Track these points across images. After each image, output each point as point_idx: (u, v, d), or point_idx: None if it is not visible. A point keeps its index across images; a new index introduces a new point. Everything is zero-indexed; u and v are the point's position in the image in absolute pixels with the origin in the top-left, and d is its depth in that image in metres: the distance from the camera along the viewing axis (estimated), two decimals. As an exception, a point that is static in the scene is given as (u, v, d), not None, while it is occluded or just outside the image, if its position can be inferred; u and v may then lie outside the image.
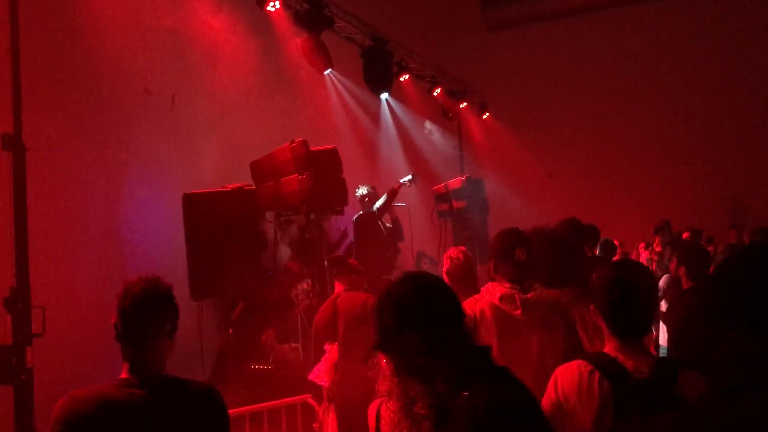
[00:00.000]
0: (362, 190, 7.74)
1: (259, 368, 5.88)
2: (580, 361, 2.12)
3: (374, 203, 7.69)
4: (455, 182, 9.70)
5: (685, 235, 7.95)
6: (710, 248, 7.12)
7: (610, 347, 2.14)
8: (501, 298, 2.95)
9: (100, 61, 6.16)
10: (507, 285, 3.00)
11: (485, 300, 3.00)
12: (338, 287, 5.08)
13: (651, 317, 2.20)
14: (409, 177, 7.91)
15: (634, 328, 2.12)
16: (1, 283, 4.55)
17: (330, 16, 8.26)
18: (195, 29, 7.22)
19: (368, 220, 7.83)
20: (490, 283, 3.07)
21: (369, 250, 7.66)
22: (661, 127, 11.95)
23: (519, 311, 2.92)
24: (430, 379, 1.67)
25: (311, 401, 4.87)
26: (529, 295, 2.98)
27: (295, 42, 8.16)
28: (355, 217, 8.03)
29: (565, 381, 2.09)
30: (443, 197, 9.62)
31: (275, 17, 7.95)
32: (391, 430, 1.81)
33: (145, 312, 2.08)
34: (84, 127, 5.85)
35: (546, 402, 2.14)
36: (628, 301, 2.11)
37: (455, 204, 9.50)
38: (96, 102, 6.03)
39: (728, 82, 11.40)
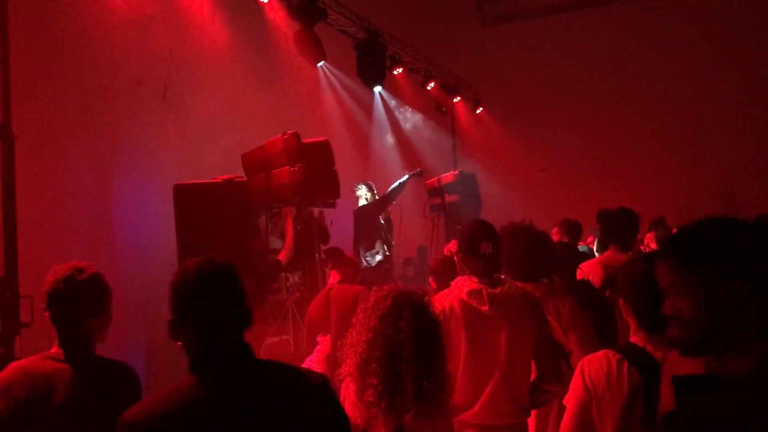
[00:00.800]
0: (362, 191, 7.82)
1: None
2: (608, 350, 2.13)
3: (374, 199, 7.76)
4: (448, 176, 9.70)
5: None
6: None
7: (637, 338, 2.14)
8: (469, 294, 2.94)
9: (92, 51, 6.12)
10: (475, 280, 2.99)
11: (454, 295, 2.99)
12: (333, 278, 5.08)
13: None
14: (418, 170, 8.05)
15: (660, 322, 2.12)
16: (-10, 272, 4.53)
17: (323, 8, 8.24)
18: (187, 20, 7.18)
19: (370, 213, 7.87)
20: (459, 278, 3.06)
21: (368, 243, 7.70)
22: (655, 123, 11.99)
23: (486, 307, 2.91)
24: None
25: None
26: (497, 290, 2.97)
27: (288, 34, 8.14)
28: (357, 209, 8.04)
29: (593, 369, 2.09)
30: (436, 191, 9.62)
31: (268, 9, 7.92)
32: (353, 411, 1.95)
33: (63, 298, 2.32)
34: (74, 117, 5.82)
35: (573, 391, 2.14)
36: (652, 295, 2.10)
37: (447, 198, 9.50)
38: (87, 92, 5.99)
39: (722, 77, 11.44)
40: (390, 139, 11.46)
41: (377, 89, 10.11)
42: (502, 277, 3.07)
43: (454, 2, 13.18)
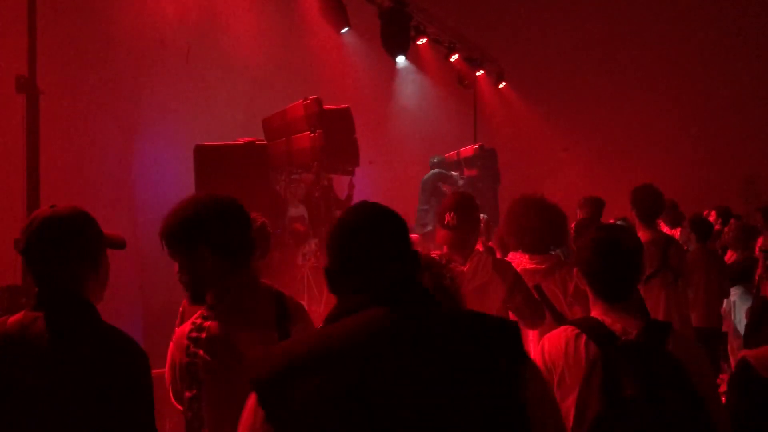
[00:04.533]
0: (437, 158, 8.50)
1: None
2: (567, 326, 2.10)
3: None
4: (467, 150, 9.64)
5: (707, 213, 7.80)
6: (717, 226, 7.06)
7: (596, 311, 2.11)
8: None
9: (117, 9, 6.13)
10: (445, 251, 2.98)
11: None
12: None
13: (636, 279, 2.15)
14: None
15: (618, 290, 2.09)
16: (12, 224, 4.59)
17: (349, -26, 8.15)
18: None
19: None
20: (431, 253, 3.06)
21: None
22: (682, 106, 11.78)
23: None
24: None
25: None
26: (465, 267, 2.95)
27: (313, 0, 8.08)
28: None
29: (552, 347, 2.06)
30: (455, 164, 9.57)
31: (294, -27, 7.86)
32: None
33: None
34: (98, 73, 5.85)
35: None
36: (612, 262, 2.08)
37: (466, 172, 9.46)
38: (111, 50, 6.02)
39: (751, 58, 11.20)
40: (411, 109, 11.39)
41: (400, 59, 10.02)
42: (482, 250, 3.07)
43: (482, -26, 12.96)
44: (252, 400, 1.34)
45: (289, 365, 1.33)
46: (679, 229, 7.42)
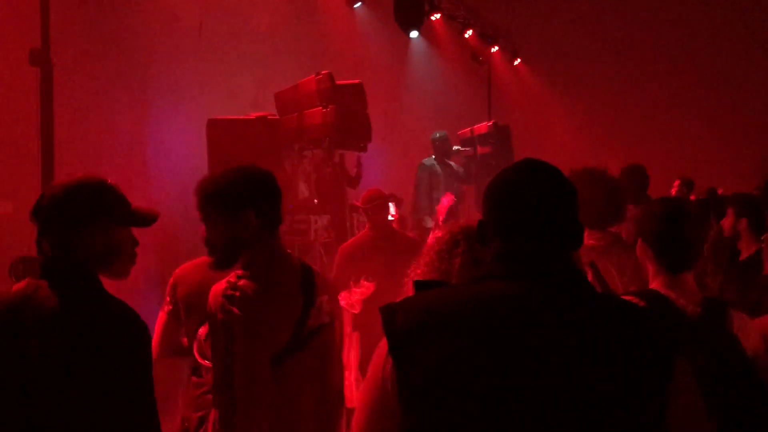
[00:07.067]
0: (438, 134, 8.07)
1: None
2: (630, 296, 2.03)
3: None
4: (481, 127, 9.56)
5: (720, 191, 7.66)
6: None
7: (657, 283, 2.08)
8: None
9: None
10: None
11: None
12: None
13: (699, 250, 2.14)
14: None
15: (685, 259, 2.06)
16: (28, 198, 4.63)
17: (363, -53, 8.06)
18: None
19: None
20: None
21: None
22: (698, 85, 11.61)
23: None
24: None
25: None
26: None
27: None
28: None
29: None
30: (468, 141, 9.51)
31: (307, -54, 7.78)
32: None
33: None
34: (111, 47, 5.86)
35: None
36: (677, 231, 2.06)
37: (480, 149, 9.40)
38: (124, 24, 6.02)
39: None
40: (424, 86, 11.31)
41: (413, 34, 9.92)
42: None
43: (498, -52, 12.76)
44: (383, 347, 1.30)
45: (426, 320, 1.27)
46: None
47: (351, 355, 4.57)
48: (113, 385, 1.73)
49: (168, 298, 2.72)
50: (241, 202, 2.18)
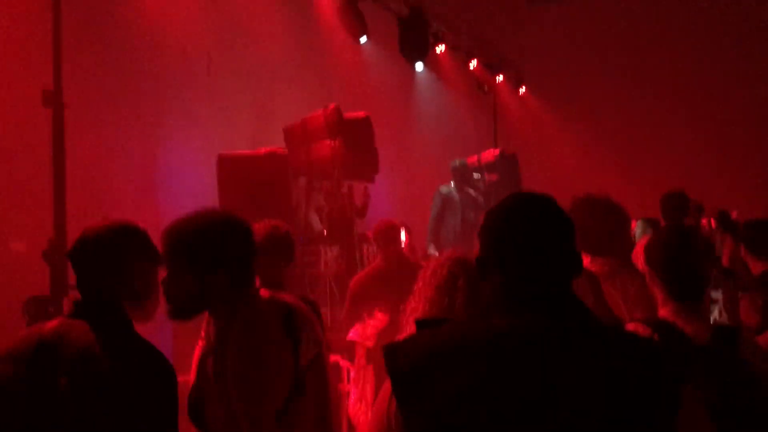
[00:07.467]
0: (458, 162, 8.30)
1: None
2: (638, 324, 2.04)
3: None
4: (488, 155, 9.59)
5: (734, 214, 7.61)
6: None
7: (666, 311, 2.07)
8: None
9: (139, 22, 6.22)
10: None
11: None
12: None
13: (707, 279, 2.15)
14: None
15: (694, 288, 2.06)
16: (39, 236, 4.67)
17: (367, -18, 8.19)
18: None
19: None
20: None
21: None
22: (704, 112, 11.61)
23: None
24: None
25: (342, 362, 4.87)
26: None
27: (332, 8, 8.13)
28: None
29: None
30: (476, 170, 9.53)
31: (312, -17, 7.92)
32: None
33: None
34: (122, 86, 5.95)
35: None
36: (684, 260, 2.07)
37: (488, 177, 9.42)
38: (134, 62, 6.12)
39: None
40: (430, 116, 11.38)
41: (419, 66, 10.03)
42: None
43: (499, -20, 12.94)
44: (387, 388, 1.32)
45: (428, 360, 1.27)
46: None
47: (366, 389, 4.52)
48: (139, 427, 1.76)
49: (203, 333, 2.73)
50: (211, 261, 2.02)
